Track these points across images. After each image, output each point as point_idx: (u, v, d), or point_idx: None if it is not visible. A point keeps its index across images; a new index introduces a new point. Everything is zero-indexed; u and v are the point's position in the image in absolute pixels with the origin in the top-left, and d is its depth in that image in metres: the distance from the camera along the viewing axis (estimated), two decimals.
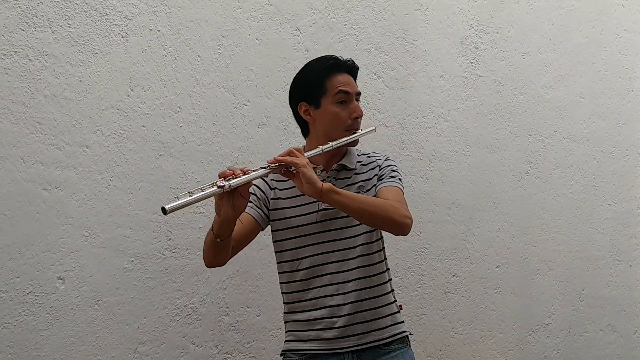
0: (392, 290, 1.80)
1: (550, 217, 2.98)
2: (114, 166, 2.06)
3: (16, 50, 1.92)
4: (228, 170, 1.54)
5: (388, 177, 1.76)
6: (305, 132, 1.84)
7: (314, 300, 1.71)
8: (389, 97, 2.61)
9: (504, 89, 2.91)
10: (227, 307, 2.23)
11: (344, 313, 1.69)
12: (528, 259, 2.92)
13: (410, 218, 1.67)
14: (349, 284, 1.70)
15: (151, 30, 2.14)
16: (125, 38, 2.09)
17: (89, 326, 1.99)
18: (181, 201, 1.43)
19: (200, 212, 2.19)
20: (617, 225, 3.17)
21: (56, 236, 1.96)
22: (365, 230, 1.74)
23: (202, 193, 1.46)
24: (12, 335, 1.89)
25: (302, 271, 1.73)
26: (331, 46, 2.49)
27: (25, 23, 1.94)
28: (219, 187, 1.47)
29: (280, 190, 1.79)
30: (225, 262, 1.74)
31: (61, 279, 1.97)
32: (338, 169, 1.79)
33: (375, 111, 2.58)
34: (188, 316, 2.16)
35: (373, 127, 1.88)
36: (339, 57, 1.79)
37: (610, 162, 3.17)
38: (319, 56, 1.85)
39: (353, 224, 1.73)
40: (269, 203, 1.79)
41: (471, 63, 2.83)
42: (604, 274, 3.12)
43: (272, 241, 1.82)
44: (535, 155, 2.97)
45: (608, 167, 3.16)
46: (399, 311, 1.79)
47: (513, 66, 2.94)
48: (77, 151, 2.00)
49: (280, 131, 2.37)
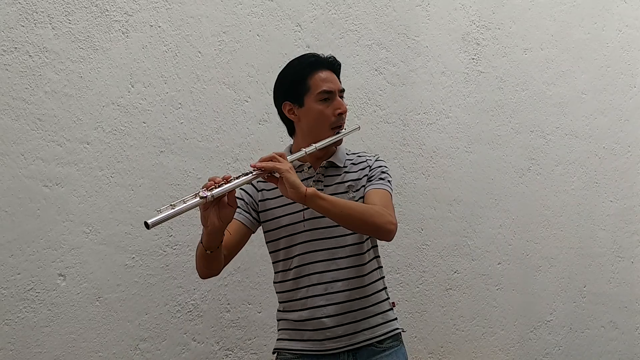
0: (385, 287, 1.79)
1: (551, 214, 2.98)
2: (115, 163, 2.05)
3: (16, 46, 1.92)
4: (209, 180, 1.53)
5: (377, 179, 1.75)
6: (291, 132, 1.83)
7: (303, 300, 1.71)
8: (390, 94, 2.61)
9: (506, 85, 2.90)
10: (229, 304, 2.23)
11: (334, 313, 1.68)
12: (529, 256, 2.91)
13: (394, 224, 1.66)
14: (339, 284, 1.69)
15: (152, 26, 2.14)
16: (125, 34, 2.09)
17: (90, 323, 1.99)
18: (163, 214, 1.42)
19: None
20: (619, 222, 3.17)
21: (57, 233, 1.96)
22: None
23: (185, 205, 1.45)
24: (13, 331, 1.89)
25: (293, 270, 1.72)
26: (332, 42, 2.48)
27: (25, 19, 1.93)
28: (201, 198, 1.47)
29: (267, 190, 1.78)
30: (219, 272, 1.73)
31: (62, 276, 1.97)
32: (326, 166, 1.78)
33: (376, 107, 2.57)
34: (189, 313, 2.16)
35: (357, 126, 1.87)
36: (320, 55, 1.78)
37: (612, 159, 3.16)
38: (299, 55, 1.83)
39: None
40: (258, 205, 1.78)
41: (473, 59, 2.82)
42: (606, 271, 3.11)
43: (266, 242, 1.81)
44: (537, 151, 2.96)
45: (610, 164, 3.16)
46: (392, 309, 1.78)
47: (515, 62, 2.93)
48: (78, 147, 2.00)
49: (281, 127, 2.35)
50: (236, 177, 1.54)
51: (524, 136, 2.93)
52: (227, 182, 1.52)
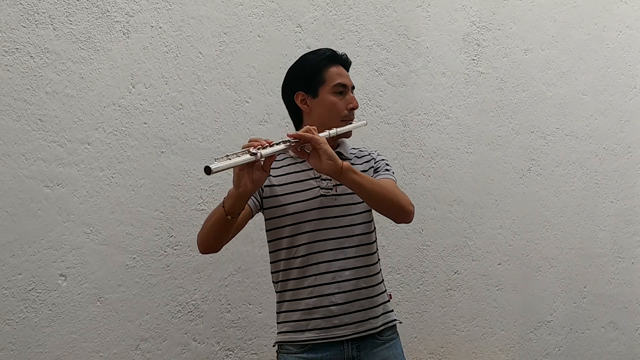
0: (383, 279, 1.82)
1: (552, 215, 2.98)
2: (116, 163, 2.06)
3: (17, 47, 1.92)
4: (253, 140, 1.54)
5: (384, 170, 1.81)
6: (298, 123, 1.85)
7: (311, 288, 1.71)
8: (391, 94, 2.61)
9: (506, 86, 2.90)
10: (229, 304, 2.23)
11: (342, 301, 1.70)
12: (530, 256, 2.91)
13: (413, 206, 1.73)
14: (346, 272, 1.71)
15: (152, 27, 2.14)
16: (126, 35, 2.09)
17: (91, 323, 2.00)
18: (222, 164, 1.42)
19: (202, 210, 2.19)
20: (619, 222, 3.17)
21: (58, 233, 1.96)
22: (363, 220, 1.76)
23: (238, 159, 1.46)
24: (15, 331, 1.89)
25: (299, 258, 1.72)
26: (333, 43, 2.48)
27: (26, 20, 1.94)
28: (252, 154, 1.48)
29: (274, 177, 1.77)
30: (220, 248, 1.71)
31: (63, 276, 1.97)
32: None
33: (377, 108, 2.58)
34: (190, 313, 2.16)
35: (364, 122, 1.89)
36: (336, 52, 1.84)
37: (612, 159, 3.17)
38: (314, 49, 1.88)
39: (351, 213, 1.74)
40: (263, 191, 1.78)
41: (473, 60, 2.82)
42: (606, 271, 3.11)
43: (266, 230, 1.79)
44: (537, 152, 2.96)
45: (610, 165, 3.16)
46: (389, 300, 1.82)
47: (515, 63, 2.93)
48: (79, 148, 2.00)
49: (281, 128, 2.37)
50: (276, 143, 1.55)
51: (524, 137, 2.93)
52: (270, 146, 1.53)
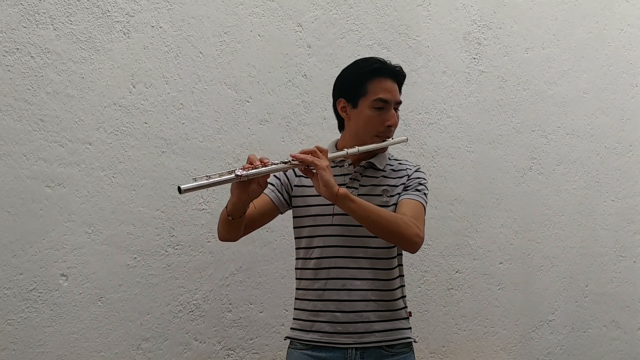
0: (403, 296, 1.79)
1: (553, 214, 2.98)
2: (117, 163, 2.06)
3: (18, 47, 1.92)
4: (249, 160, 1.58)
5: (413, 190, 1.75)
6: (341, 127, 1.84)
7: (320, 291, 1.71)
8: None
9: (507, 85, 2.90)
10: (230, 304, 2.23)
11: (348, 310, 1.69)
12: (531, 255, 2.91)
13: (421, 237, 1.67)
14: (357, 282, 1.70)
15: (153, 27, 2.14)
16: (127, 35, 2.09)
17: (92, 323, 2.00)
18: (197, 183, 1.49)
19: (203, 209, 2.19)
20: (621, 221, 3.16)
21: (59, 233, 1.96)
22: None
23: (219, 179, 1.52)
24: (16, 331, 1.89)
25: (313, 260, 1.74)
26: (333, 42, 2.48)
27: (27, 20, 1.94)
28: (236, 176, 1.53)
29: (305, 177, 1.77)
30: (237, 239, 1.77)
31: (64, 276, 1.97)
32: (366, 167, 1.78)
33: None
34: (191, 313, 2.16)
35: (405, 138, 1.85)
36: (387, 62, 1.77)
37: (613, 158, 3.16)
38: (368, 56, 1.83)
39: None
40: (292, 189, 1.80)
41: (474, 59, 2.82)
42: (608, 270, 3.11)
43: (293, 227, 1.82)
44: (538, 151, 2.96)
45: (611, 163, 3.15)
46: (407, 318, 1.78)
47: (516, 62, 2.93)
48: (80, 148, 2.01)
49: (282, 128, 2.37)
50: (274, 163, 1.59)
51: (526, 135, 2.93)
52: (264, 166, 1.57)
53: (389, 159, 1.82)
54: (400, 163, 1.82)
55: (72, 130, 2.00)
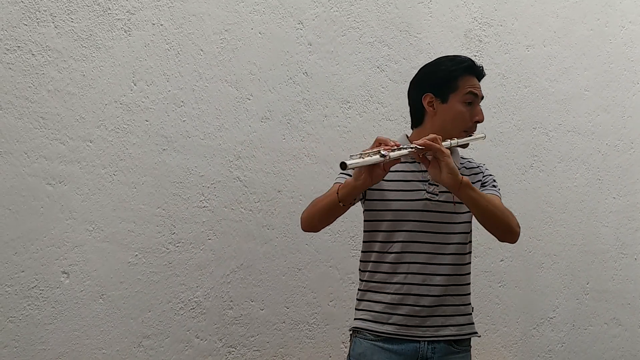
0: (470, 293, 1.84)
1: (554, 211, 2.98)
2: (118, 160, 2.06)
3: (19, 45, 1.92)
4: (379, 142, 1.59)
5: (491, 186, 1.81)
6: (417, 122, 1.84)
7: (399, 285, 1.73)
8: (393, 91, 2.61)
9: (508, 82, 2.90)
10: (231, 301, 2.23)
11: (427, 304, 1.72)
12: (532, 253, 2.91)
13: (520, 227, 1.76)
14: (437, 277, 1.73)
15: (154, 24, 2.14)
16: (128, 32, 2.09)
17: (94, 320, 2.00)
18: (356, 161, 1.52)
19: (204, 207, 2.19)
20: (622, 218, 3.16)
21: (60, 230, 1.96)
22: (462, 230, 1.79)
23: (370, 158, 1.54)
24: (18, 329, 1.90)
25: (393, 254, 1.74)
26: (334, 39, 2.48)
27: (28, 18, 1.94)
28: (382, 156, 1.55)
29: (390, 172, 1.76)
30: (321, 229, 1.80)
31: (66, 273, 1.97)
32: None
33: (378, 105, 2.57)
34: (192, 310, 2.16)
35: (483, 135, 1.86)
36: (475, 62, 1.81)
37: (615, 155, 3.16)
38: (453, 55, 1.86)
39: (451, 221, 1.77)
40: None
41: (475, 56, 2.81)
42: (609, 268, 3.11)
43: (364, 220, 1.82)
44: (539, 148, 2.96)
45: (613, 160, 3.15)
46: (471, 313, 1.84)
47: (517, 59, 2.92)
48: (81, 146, 2.01)
49: (283, 125, 2.37)
50: (404, 147, 1.61)
51: (527, 133, 2.93)
52: (398, 149, 1.59)
53: (461, 158, 1.86)
54: (469, 161, 1.87)
55: (73, 127, 2.00)
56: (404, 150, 1.60)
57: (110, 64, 2.06)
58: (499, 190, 1.83)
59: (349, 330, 1.83)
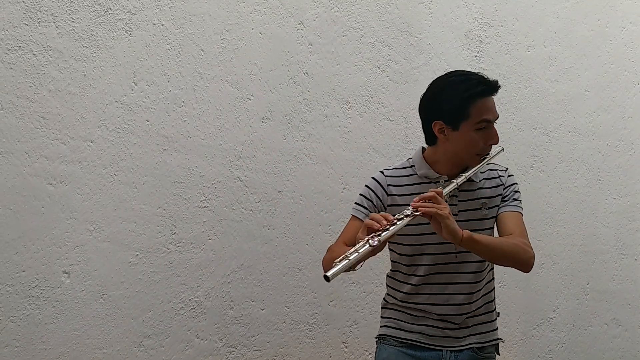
0: (495, 298, 1.83)
1: (554, 211, 2.98)
2: (118, 160, 2.06)
3: (20, 45, 1.93)
4: (372, 221, 1.53)
5: (511, 200, 1.76)
6: (430, 142, 1.78)
7: (422, 305, 1.75)
8: (393, 91, 2.61)
9: (509, 83, 2.90)
10: (232, 301, 2.23)
11: (450, 321, 1.73)
12: None
13: (534, 257, 1.71)
14: (461, 297, 1.73)
15: (155, 24, 2.14)
16: (129, 32, 2.09)
17: (95, 320, 2.01)
18: (340, 266, 1.46)
19: (204, 207, 2.20)
20: (622, 219, 3.16)
21: (61, 230, 1.97)
22: None
23: (358, 254, 1.48)
24: (18, 328, 1.90)
25: (417, 277, 1.75)
26: (335, 40, 2.48)
27: (29, 18, 1.94)
28: (371, 246, 1.49)
29: (398, 196, 1.76)
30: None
31: (66, 273, 1.98)
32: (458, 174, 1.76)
33: (379, 105, 2.57)
34: (193, 310, 2.17)
35: (501, 148, 1.82)
36: (489, 81, 1.71)
37: (615, 156, 3.16)
38: (466, 72, 1.76)
39: None
40: (386, 209, 1.76)
41: (475, 57, 2.82)
42: (609, 268, 3.11)
43: (389, 241, 1.72)
44: (539, 149, 2.96)
45: (613, 161, 3.15)
46: (496, 319, 1.83)
47: (518, 60, 2.92)
48: (82, 146, 2.01)
49: (284, 125, 2.37)
50: (398, 219, 1.55)
51: (527, 133, 2.93)
52: (390, 224, 1.54)
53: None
54: (490, 169, 1.80)
55: (74, 127, 2.00)
56: (401, 222, 1.55)
57: (111, 64, 2.06)
58: (520, 201, 1.78)
59: (375, 338, 1.84)
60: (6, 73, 1.90)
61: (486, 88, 1.69)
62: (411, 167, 1.78)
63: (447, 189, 1.65)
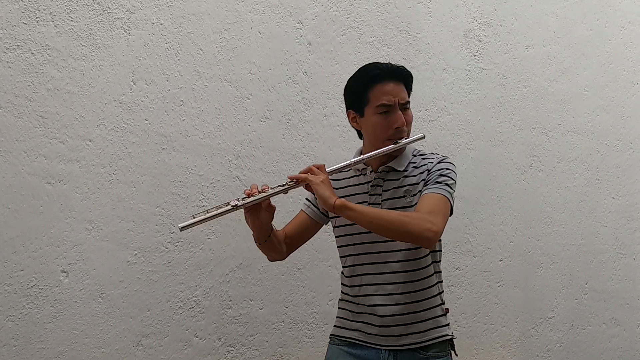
0: (440, 292, 1.78)
1: (553, 211, 2.98)
2: (117, 160, 2.06)
3: (19, 44, 1.92)
4: (248, 190, 1.66)
5: (433, 183, 1.72)
6: (359, 135, 1.85)
7: (356, 297, 1.76)
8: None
9: (508, 82, 2.90)
10: (230, 300, 2.23)
11: (383, 314, 1.72)
12: (531, 253, 2.91)
13: (433, 231, 1.61)
14: (389, 287, 1.72)
15: (153, 23, 2.14)
16: (127, 31, 2.09)
17: (93, 319, 2.00)
18: (197, 219, 1.61)
19: (202, 206, 2.19)
20: (621, 218, 3.16)
21: (60, 229, 1.97)
22: None
23: (216, 212, 1.62)
24: (17, 327, 1.90)
25: (347, 268, 1.79)
26: (334, 39, 2.48)
27: (27, 17, 1.94)
28: (232, 207, 1.63)
29: (336, 189, 1.80)
30: (284, 257, 1.85)
31: (65, 272, 1.98)
32: (387, 171, 1.78)
33: None
34: (191, 309, 2.17)
35: (422, 135, 1.83)
36: (386, 65, 1.75)
37: (614, 156, 3.16)
38: (371, 62, 1.81)
39: None
40: None
41: (474, 56, 2.82)
42: (608, 268, 3.11)
43: (335, 238, 1.85)
44: (538, 148, 2.96)
45: (612, 161, 3.15)
46: (444, 314, 1.77)
47: (517, 59, 2.93)
48: (80, 145, 2.01)
49: (282, 124, 2.37)
50: (272, 188, 1.67)
51: (526, 133, 2.93)
52: (262, 192, 1.66)
53: (414, 156, 1.80)
54: (423, 158, 1.79)
55: (73, 127, 2.00)
56: (273, 190, 1.66)
57: (109, 63, 2.06)
58: (447, 184, 1.70)
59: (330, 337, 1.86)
60: (5, 72, 1.90)
61: (380, 73, 1.74)
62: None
63: (335, 167, 1.72)
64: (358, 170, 1.80)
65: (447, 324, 1.77)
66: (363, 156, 1.73)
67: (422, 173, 1.75)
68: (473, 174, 2.78)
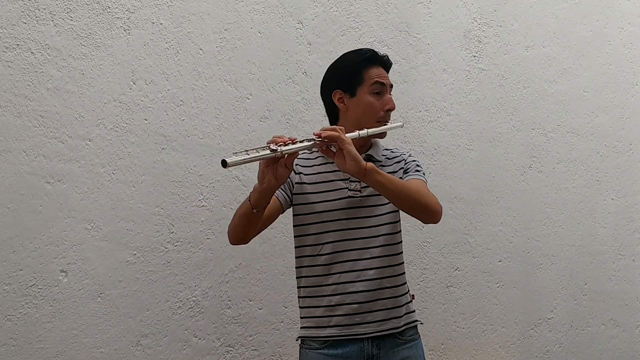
0: (406, 280, 1.83)
1: (553, 212, 2.98)
2: (116, 159, 2.06)
3: (18, 43, 1.92)
4: (276, 137, 1.57)
5: (414, 171, 1.80)
6: (334, 120, 1.85)
7: (335, 285, 1.74)
8: (392, 91, 2.60)
9: (507, 83, 2.90)
10: (230, 300, 2.23)
11: (365, 300, 1.72)
12: (530, 253, 2.91)
13: (441, 206, 1.73)
14: (371, 272, 1.73)
15: (153, 23, 2.14)
16: (127, 31, 2.09)
17: (92, 319, 2.00)
18: (240, 157, 1.49)
19: (202, 206, 2.19)
20: (620, 219, 3.16)
21: (59, 229, 1.96)
22: (389, 220, 1.77)
23: (257, 154, 1.52)
24: (16, 327, 1.90)
25: (324, 256, 1.75)
26: (333, 39, 2.48)
27: (27, 16, 1.94)
28: (272, 151, 1.52)
29: (305, 175, 1.81)
30: (249, 239, 1.78)
31: (64, 272, 1.97)
32: (365, 159, 1.78)
33: None
34: (190, 309, 2.16)
35: (400, 123, 1.89)
36: (377, 51, 1.83)
37: (613, 157, 3.16)
38: (356, 49, 1.88)
39: (377, 213, 1.76)
40: (293, 187, 1.81)
41: (474, 57, 2.82)
42: (607, 269, 3.11)
43: (293, 225, 1.83)
44: (538, 149, 2.96)
45: (611, 162, 3.15)
46: (412, 300, 1.83)
47: (516, 60, 2.93)
48: (80, 144, 2.01)
49: (282, 125, 2.37)
50: (300, 141, 1.58)
51: (525, 134, 2.93)
52: (293, 143, 1.57)
53: (383, 150, 1.87)
54: (392, 151, 1.87)
55: (72, 126, 2.00)
56: (301, 143, 1.58)
57: (109, 63, 2.06)
58: (425, 174, 1.81)
59: (296, 340, 1.83)
60: (4, 71, 1.90)
61: (375, 55, 1.81)
62: None
63: (349, 135, 1.66)
64: (314, 149, 1.75)
65: (414, 310, 1.83)
66: (368, 130, 1.72)
67: (399, 162, 1.83)
68: (472, 175, 2.78)
